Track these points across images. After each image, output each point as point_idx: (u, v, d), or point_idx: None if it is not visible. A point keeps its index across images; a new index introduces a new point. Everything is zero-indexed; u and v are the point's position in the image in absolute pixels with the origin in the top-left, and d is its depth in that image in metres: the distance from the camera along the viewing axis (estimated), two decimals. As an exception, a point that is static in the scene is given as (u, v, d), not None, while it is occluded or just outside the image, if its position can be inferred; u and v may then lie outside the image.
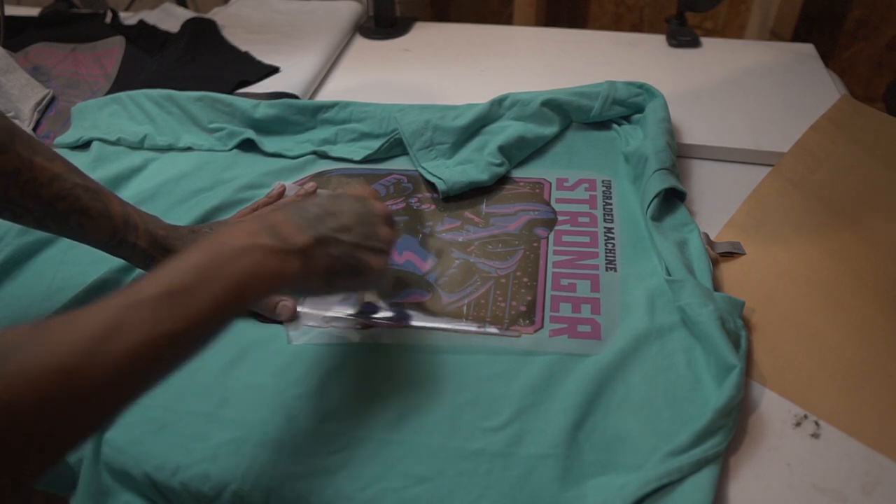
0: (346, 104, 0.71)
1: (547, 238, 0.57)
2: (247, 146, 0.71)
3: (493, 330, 0.50)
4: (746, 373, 0.45)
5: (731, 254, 0.55)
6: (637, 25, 1.41)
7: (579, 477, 0.40)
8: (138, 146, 0.72)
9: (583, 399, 0.43)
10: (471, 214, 0.61)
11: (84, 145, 0.73)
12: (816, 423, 0.43)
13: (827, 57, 0.94)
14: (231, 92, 0.79)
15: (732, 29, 1.33)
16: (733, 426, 0.41)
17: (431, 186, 0.63)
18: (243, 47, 0.88)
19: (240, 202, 0.63)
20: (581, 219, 0.59)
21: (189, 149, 0.71)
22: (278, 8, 1.00)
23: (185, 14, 0.96)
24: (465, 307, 0.52)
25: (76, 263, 0.57)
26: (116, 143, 0.72)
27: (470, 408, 0.44)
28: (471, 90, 0.78)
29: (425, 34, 0.95)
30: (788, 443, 0.42)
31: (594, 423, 0.43)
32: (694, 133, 0.69)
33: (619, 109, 0.69)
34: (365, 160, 0.68)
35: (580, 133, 0.70)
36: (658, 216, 0.56)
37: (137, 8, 1.04)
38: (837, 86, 0.78)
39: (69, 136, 0.73)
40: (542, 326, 0.49)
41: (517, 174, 0.65)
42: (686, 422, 0.42)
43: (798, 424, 0.43)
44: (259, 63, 0.85)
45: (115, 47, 0.88)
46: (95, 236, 0.48)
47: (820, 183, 0.62)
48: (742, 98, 0.76)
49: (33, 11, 0.97)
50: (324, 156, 0.69)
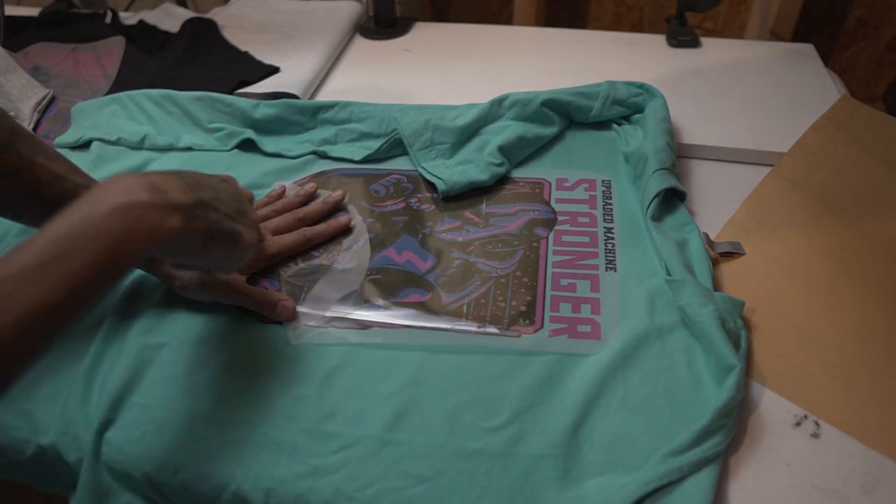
0: (346, 104, 0.71)
1: (547, 238, 0.57)
2: (247, 146, 0.71)
3: (493, 330, 0.50)
4: (746, 373, 0.45)
5: (731, 254, 0.55)
6: (637, 25, 1.41)
7: (579, 477, 0.40)
8: (138, 146, 0.72)
9: (583, 399, 0.43)
10: (471, 214, 0.61)
11: (84, 145, 0.73)
12: (816, 423, 0.43)
13: (827, 57, 0.94)
14: (231, 92, 0.79)
15: (732, 29, 1.33)
16: (733, 426, 0.41)
17: (431, 186, 0.63)
18: (243, 47, 0.88)
19: (240, 202, 0.63)
20: (581, 219, 0.59)
21: (189, 149, 0.71)
22: (278, 8, 1.00)
23: (185, 14, 0.96)
24: (465, 307, 0.52)
25: (76, 263, 0.57)
26: (116, 143, 0.72)
27: (470, 408, 0.44)
28: (471, 90, 0.78)
29: (425, 34, 0.95)
30: (788, 443, 0.42)
31: (594, 424, 0.43)
32: (694, 133, 0.69)
33: (619, 109, 0.69)
34: (365, 160, 0.68)
35: (580, 133, 0.70)
36: (658, 216, 0.56)
37: (137, 8, 1.04)
38: (837, 86, 0.78)
39: (69, 136, 0.73)
40: (542, 326, 0.49)
41: (517, 174, 0.65)
42: (686, 422, 0.42)
43: (798, 424, 0.43)
44: (259, 63, 0.85)
45: (115, 47, 0.88)
46: None
47: (820, 183, 0.62)
48: (742, 98, 0.76)
49: (33, 11, 0.97)
50: (324, 156, 0.69)
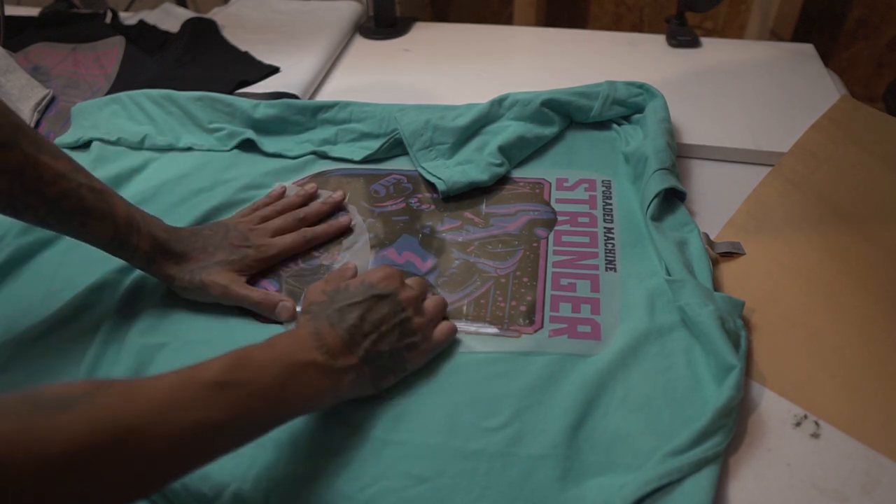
0: (346, 104, 0.71)
1: (547, 238, 0.57)
2: (247, 146, 0.71)
3: (493, 330, 0.50)
4: (746, 373, 0.45)
5: (731, 254, 0.55)
6: (637, 25, 1.41)
7: (579, 477, 0.40)
8: (138, 146, 0.72)
9: (583, 399, 0.43)
10: (471, 214, 0.61)
11: (84, 145, 0.73)
12: (816, 423, 0.43)
13: (827, 57, 0.94)
14: (231, 92, 0.79)
15: (732, 29, 1.33)
16: (733, 426, 0.41)
17: (431, 186, 0.63)
18: (243, 47, 0.88)
19: (240, 202, 0.63)
20: (581, 219, 0.59)
21: (189, 149, 0.71)
22: (278, 8, 1.00)
23: (185, 14, 0.96)
24: (465, 307, 0.52)
25: (76, 264, 0.57)
26: (116, 144, 0.72)
27: (470, 408, 0.44)
28: (471, 90, 0.78)
29: (425, 34, 0.95)
30: (788, 443, 0.42)
31: (594, 424, 0.43)
32: (694, 133, 0.69)
33: (619, 109, 0.69)
34: (365, 160, 0.68)
35: (580, 133, 0.70)
36: (658, 216, 0.56)
37: (137, 8, 1.04)
38: (837, 86, 0.78)
39: (69, 136, 0.73)
40: (542, 326, 0.50)
41: (517, 174, 0.65)
42: (686, 422, 0.42)
43: (798, 424, 0.43)
44: (259, 63, 0.85)
45: (115, 47, 0.88)
46: (97, 237, 0.48)
47: (820, 183, 0.62)
48: (742, 98, 0.76)
49: (33, 11, 0.97)
50: (324, 156, 0.69)
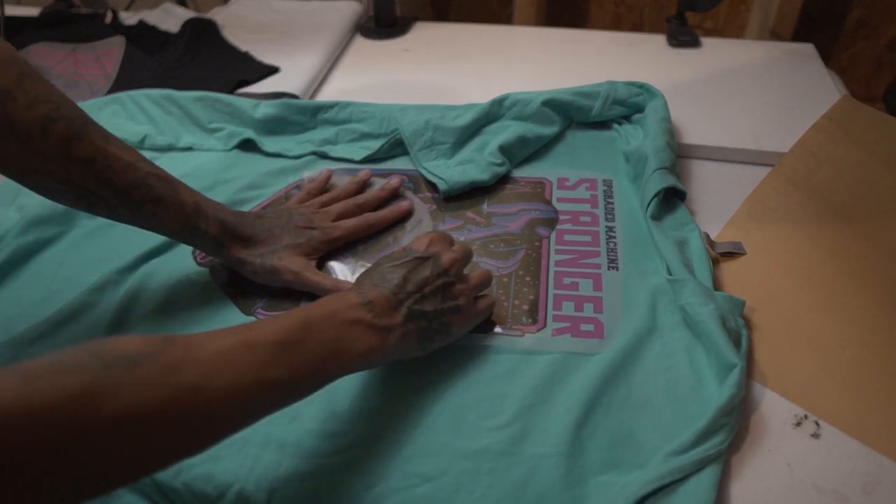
0: (347, 104, 0.71)
1: (549, 237, 0.57)
2: (247, 146, 0.71)
3: (497, 329, 0.50)
4: (747, 372, 0.45)
5: (732, 253, 0.55)
6: (637, 25, 1.41)
7: (582, 476, 0.40)
8: (138, 146, 0.71)
9: (586, 398, 0.44)
10: (472, 214, 0.61)
11: (84, 145, 0.73)
12: (816, 423, 0.43)
13: (827, 57, 0.94)
14: (231, 92, 0.79)
15: (732, 29, 1.33)
16: (735, 425, 0.41)
17: (432, 186, 0.63)
18: (243, 47, 0.88)
19: (241, 202, 0.63)
20: (582, 218, 0.59)
21: (189, 149, 0.71)
22: (278, 8, 1.00)
23: (185, 14, 0.96)
24: None
25: (76, 264, 0.57)
26: (117, 143, 0.72)
27: (473, 407, 0.44)
28: (471, 90, 0.78)
29: (425, 34, 0.95)
30: (788, 443, 0.42)
31: (596, 422, 0.43)
32: (694, 133, 0.69)
33: (620, 109, 0.69)
34: (365, 160, 0.68)
35: (581, 133, 0.70)
36: (658, 215, 0.56)
37: (137, 8, 1.04)
38: (837, 86, 0.78)
39: (69, 136, 0.73)
40: (545, 325, 0.50)
41: (518, 174, 0.65)
42: (688, 421, 0.42)
43: (798, 424, 0.43)
44: (259, 63, 0.85)
45: (115, 47, 0.88)
46: (168, 225, 0.49)
47: (820, 183, 0.62)
48: (742, 98, 0.76)
49: (33, 11, 0.97)
50: (324, 156, 0.69)
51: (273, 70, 0.83)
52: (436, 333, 0.44)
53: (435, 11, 1.46)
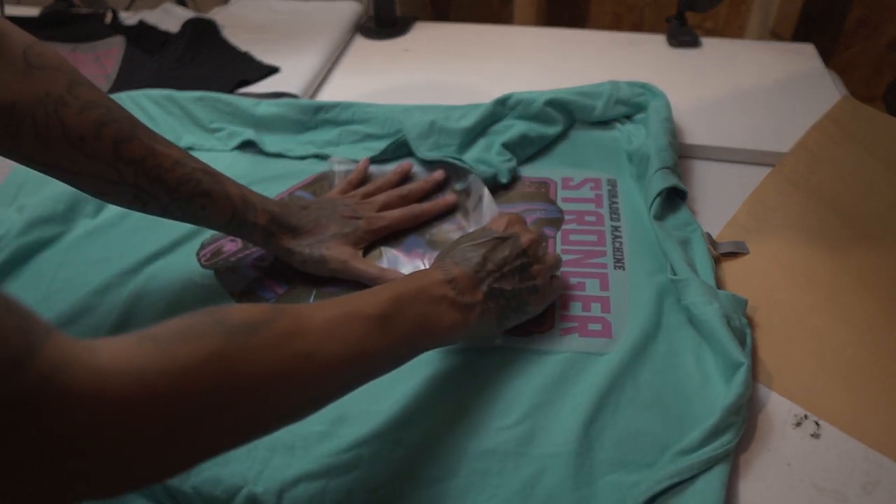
0: (349, 105, 0.71)
1: (554, 237, 0.57)
2: (248, 146, 0.71)
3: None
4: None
5: (734, 253, 0.55)
6: (637, 25, 1.41)
7: (590, 475, 0.40)
8: (139, 146, 0.71)
9: (594, 397, 0.44)
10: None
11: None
12: (816, 423, 0.43)
13: (827, 57, 0.94)
14: (231, 92, 0.79)
15: (732, 29, 1.33)
16: (743, 424, 0.41)
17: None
18: (243, 47, 0.88)
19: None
20: (588, 217, 0.59)
21: (190, 149, 0.71)
22: (278, 8, 1.00)
23: (185, 14, 0.96)
24: None
25: (76, 264, 0.57)
26: (117, 144, 0.72)
27: (481, 407, 0.44)
28: (471, 90, 0.78)
29: (425, 34, 0.95)
30: (788, 443, 0.42)
31: (604, 421, 0.43)
32: (694, 133, 0.69)
33: (623, 109, 0.69)
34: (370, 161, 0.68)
35: (584, 132, 0.70)
36: (661, 215, 0.56)
37: (137, 8, 1.04)
38: (837, 86, 0.78)
39: (69, 137, 0.73)
40: (554, 325, 0.50)
41: (522, 173, 0.65)
42: (695, 419, 0.42)
43: (798, 424, 0.43)
44: (259, 63, 0.85)
45: (115, 47, 0.88)
46: (218, 218, 0.50)
47: (821, 183, 0.62)
48: (742, 98, 0.76)
49: (33, 11, 0.97)
50: (326, 157, 0.69)
51: (273, 70, 0.83)
52: (513, 312, 0.45)
53: (435, 11, 1.46)
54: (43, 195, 0.62)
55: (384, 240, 0.58)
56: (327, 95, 0.81)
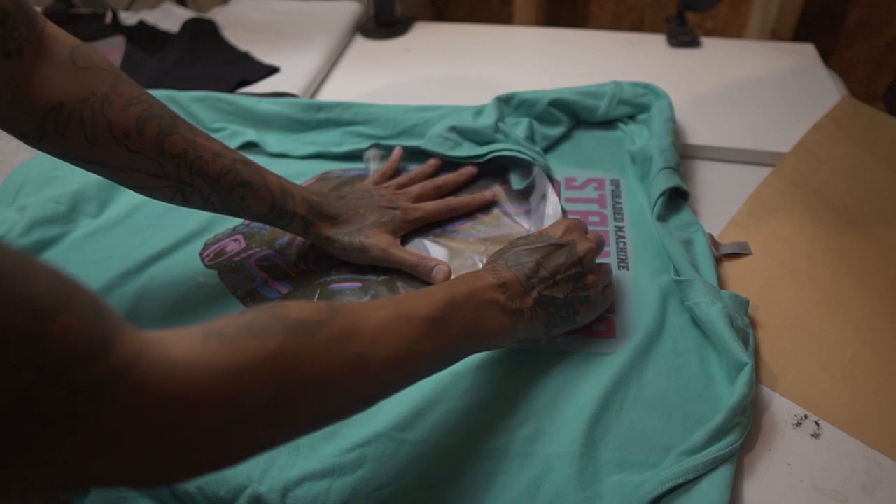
0: (350, 105, 0.71)
1: None
2: (250, 146, 0.71)
3: None
4: (749, 372, 0.46)
5: (736, 253, 0.55)
6: (637, 25, 1.41)
7: (595, 475, 0.40)
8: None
9: (598, 397, 0.44)
10: (482, 214, 0.61)
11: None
12: (817, 423, 0.43)
13: (827, 57, 0.94)
14: (231, 92, 0.79)
15: (732, 29, 1.33)
16: (747, 424, 0.41)
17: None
18: (243, 47, 0.88)
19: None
20: (591, 217, 0.59)
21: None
22: (278, 8, 1.00)
23: (185, 14, 0.96)
24: None
25: (78, 265, 0.57)
26: (118, 144, 0.72)
27: (486, 407, 0.44)
28: (471, 90, 0.78)
29: (425, 34, 0.95)
30: (788, 443, 0.42)
31: (608, 421, 0.43)
32: (694, 133, 0.69)
33: (625, 109, 0.69)
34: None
35: (587, 133, 0.70)
36: (664, 216, 0.56)
37: (137, 8, 1.04)
38: (837, 86, 0.78)
39: (70, 137, 0.73)
40: None
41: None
42: (699, 419, 0.42)
43: (798, 424, 0.43)
44: (259, 63, 0.85)
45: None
46: (258, 209, 0.51)
47: (821, 183, 0.62)
48: (742, 98, 0.76)
49: (33, 11, 0.97)
50: (329, 158, 0.69)
51: (273, 70, 0.83)
52: (562, 320, 0.45)
53: (435, 11, 1.46)
54: (44, 195, 0.62)
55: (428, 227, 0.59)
56: (327, 95, 0.81)
